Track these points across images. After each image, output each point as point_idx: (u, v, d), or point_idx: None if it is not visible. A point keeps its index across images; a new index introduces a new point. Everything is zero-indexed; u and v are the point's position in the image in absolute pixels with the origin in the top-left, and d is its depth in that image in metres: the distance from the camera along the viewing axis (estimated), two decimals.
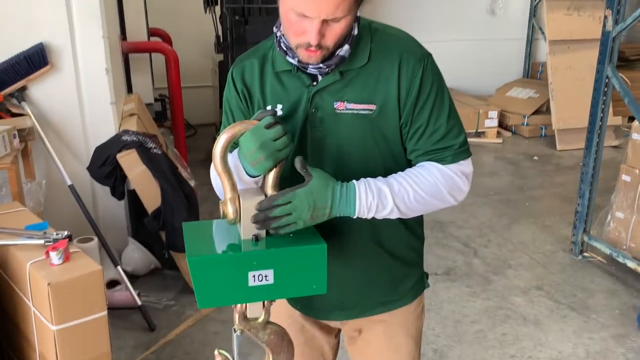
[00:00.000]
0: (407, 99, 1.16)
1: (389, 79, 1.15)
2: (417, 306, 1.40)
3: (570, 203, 4.00)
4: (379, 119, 1.17)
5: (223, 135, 1.08)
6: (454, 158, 1.19)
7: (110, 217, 3.16)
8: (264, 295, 1.09)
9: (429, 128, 1.18)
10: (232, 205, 1.08)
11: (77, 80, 2.95)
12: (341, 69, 1.16)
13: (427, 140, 1.18)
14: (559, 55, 5.64)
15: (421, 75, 1.15)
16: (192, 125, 6.06)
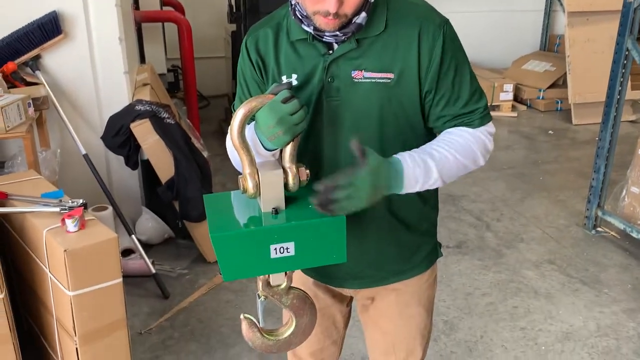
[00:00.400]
0: (430, 67, 1.15)
1: (408, 47, 1.14)
2: (430, 275, 1.41)
3: (584, 178, 3.97)
4: (397, 88, 1.15)
5: (240, 110, 1.08)
6: (481, 121, 1.21)
7: (124, 187, 3.19)
8: (286, 266, 1.11)
9: (454, 94, 1.18)
10: (251, 179, 1.08)
11: (90, 50, 2.95)
12: (357, 36, 1.14)
13: (453, 106, 1.19)
14: (577, 27, 5.53)
15: (442, 42, 1.14)
16: (205, 97, 6.05)
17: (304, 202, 1.12)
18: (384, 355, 1.46)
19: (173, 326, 2.54)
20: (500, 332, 2.53)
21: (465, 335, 2.51)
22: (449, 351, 2.41)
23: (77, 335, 1.85)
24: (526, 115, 5.82)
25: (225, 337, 2.47)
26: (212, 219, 1.10)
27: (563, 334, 2.53)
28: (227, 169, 4.36)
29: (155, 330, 2.52)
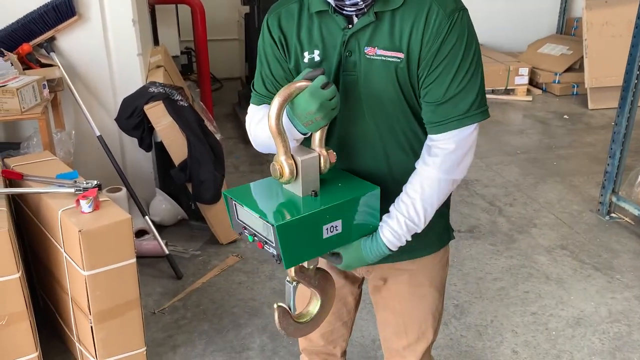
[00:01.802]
0: (427, 53, 1.12)
1: (417, 28, 1.12)
2: (443, 256, 1.41)
3: (599, 163, 3.93)
4: (406, 69, 1.14)
5: (277, 98, 1.08)
6: (459, 123, 1.14)
7: (138, 169, 3.21)
8: (335, 244, 1.16)
9: (440, 85, 1.13)
10: (288, 165, 1.11)
11: (104, 31, 2.95)
12: (376, 9, 1.13)
13: (436, 98, 1.14)
14: (595, 10, 5.44)
15: (446, 31, 1.10)
16: (218, 79, 6.05)
17: (333, 182, 1.18)
18: (396, 336, 1.47)
19: (186, 306, 2.58)
20: (511, 317, 2.54)
21: (476, 320, 2.52)
22: (459, 335, 2.42)
23: (91, 314, 1.88)
24: (541, 100, 5.76)
25: (237, 317, 2.50)
26: (261, 210, 1.12)
27: (574, 319, 2.53)
28: (240, 151, 4.38)
29: (168, 310, 2.55)
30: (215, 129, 3.96)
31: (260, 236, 1.13)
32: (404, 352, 1.47)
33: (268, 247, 1.13)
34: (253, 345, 2.35)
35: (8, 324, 1.84)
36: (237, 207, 1.17)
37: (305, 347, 1.60)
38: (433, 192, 1.18)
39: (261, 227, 1.11)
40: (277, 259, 1.12)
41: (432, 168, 1.17)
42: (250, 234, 1.16)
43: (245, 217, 1.16)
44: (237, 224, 1.21)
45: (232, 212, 1.20)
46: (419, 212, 1.18)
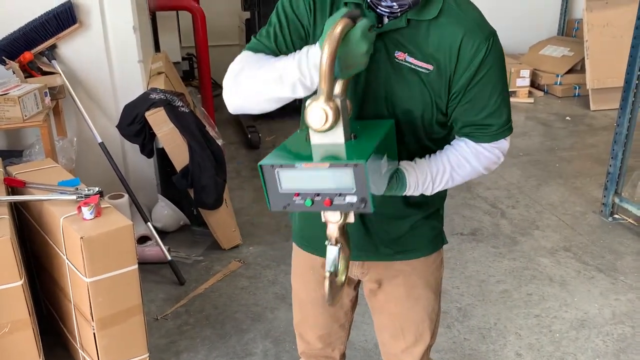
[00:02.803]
0: (464, 73, 1.14)
1: (450, 46, 1.12)
2: (436, 258, 1.42)
3: (601, 164, 3.92)
4: (432, 81, 1.15)
5: (334, 32, 0.98)
6: (494, 137, 1.22)
7: (140, 175, 3.22)
8: (385, 179, 1.13)
9: (477, 103, 1.18)
10: (333, 108, 1.01)
11: (105, 39, 2.97)
12: (409, 15, 1.13)
13: (475, 114, 1.19)
14: (596, 11, 5.44)
15: (485, 52, 1.13)
16: (220, 85, 6.05)
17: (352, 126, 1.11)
18: (393, 339, 1.47)
19: (188, 312, 2.58)
20: (514, 319, 2.53)
21: (479, 322, 2.51)
22: (462, 338, 2.42)
23: (94, 320, 1.88)
24: (543, 101, 5.75)
25: (240, 322, 2.50)
26: (332, 156, 1.04)
27: (578, 321, 2.52)
28: (242, 157, 4.38)
29: (171, 316, 2.55)
30: (216, 134, 3.97)
31: (325, 193, 1.03)
32: (402, 355, 1.47)
33: (341, 200, 1.03)
34: (256, 350, 2.35)
35: (11, 332, 1.85)
36: (281, 174, 1.04)
37: (304, 350, 1.60)
38: (463, 175, 1.25)
39: (329, 179, 1.01)
40: (358, 206, 1.02)
41: (475, 161, 1.24)
42: (307, 198, 1.04)
43: (298, 180, 1.03)
44: (278, 199, 1.06)
45: (272, 185, 1.06)
46: (443, 181, 1.23)
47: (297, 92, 1.09)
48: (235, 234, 3.05)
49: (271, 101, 1.15)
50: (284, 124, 4.89)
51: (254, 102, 1.16)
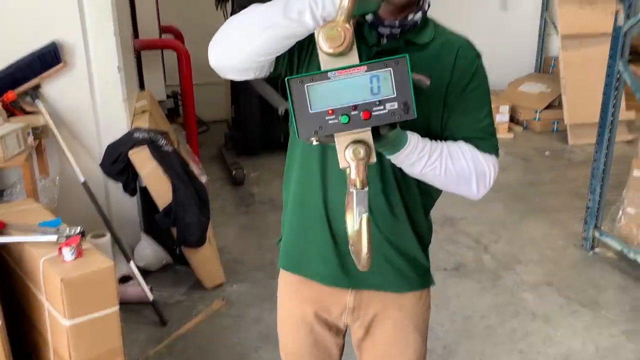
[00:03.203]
0: (459, 82, 1.20)
1: (446, 64, 1.20)
2: (426, 298, 1.42)
3: (581, 198, 3.98)
4: (430, 95, 1.19)
5: None
6: (490, 149, 1.23)
7: (122, 213, 3.20)
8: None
9: (473, 114, 1.23)
10: (350, 30, 0.97)
11: (89, 78, 2.99)
12: (407, 37, 1.20)
13: (470, 124, 1.23)
14: (571, 50, 5.60)
15: (476, 67, 1.22)
16: (204, 122, 6.09)
17: None
18: None
19: (171, 353, 2.54)
20: (499, 355, 2.53)
21: (464, 359, 2.50)
22: None
23: None
24: (523, 137, 5.86)
25: None
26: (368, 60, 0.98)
27: (562, 356, 2.52)
28: (227, 193, 4.38)
29: (152, 358, 2.51)
30: (201, 171, 3.98)
31: (363, 103, 0.95)
32: None
33: (381, 109, 0.95)
34: None
35: None
36: (311, 90, 0.96)
37: None
38: (456, 168, 1.18)
39: (365, 87, 0.95)
40: (400, 113, 0.95)
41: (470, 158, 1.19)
42: (343, 113, 0.96)
43: (330, 94, 0.96)
44: (308, 123, 0.97)
45: (301, 107, 0.97)
46: (437, 161, 1.16)
47: (303, 19, 1.04)
48: (218, 272, 3.03)
49: (266, 35, 1.07)
50: (268, 160, 4.92)
51: (242, 42, 1.09)
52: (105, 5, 2.93)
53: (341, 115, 0.96)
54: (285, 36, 1.07)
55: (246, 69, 1.15)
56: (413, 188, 1.29)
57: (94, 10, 2.92)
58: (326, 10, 1.03)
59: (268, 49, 1.10)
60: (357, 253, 1.02)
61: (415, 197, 1.31)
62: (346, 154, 1.00)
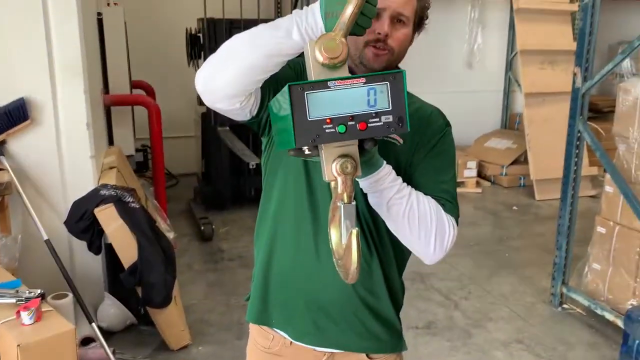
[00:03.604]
0: (427, 144, 1.27)
1: (418, 128, 1.24)
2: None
3: (549, 253, 4.03)
4: (400, 153, 1.25)
5: None
6: (452, 212, 1.25)
7: (86, 272, 3.12)
8: None
9: (437, 175, 1.28)
10: (346, 44, 1.00)
11: (57, 135, 2.96)
12: None
13: (434, 185, 1.26)
14: (534, 107, 5.80)
15: (444, 134, 1.30)
16: (174, 175, 6.06)
17: None
18: None
19: None
20: None
21: None
22: None
23: None
24: (490, 192, 5.96)
25: None
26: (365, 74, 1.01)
27: None
28: (194, 249, 4.32)
29: None
30: (168, 227, 3.92)
31: (360, 114, 0.97)
32: None
33: (376, 121, 0.98)
34: None
35: None
36: (311, 98, 0.97)
37: None
38: (421, 211, 1.18)
39: (362, 99, 0.97)
40: (394, 126, 0.98)
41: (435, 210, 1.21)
42: (340, 123, 0.97)
43: (328, 103, 0.97)
44: (306, 130, 0.97)
45: (300, 114, 0.97)
46: (405, 196, 1.17)
47: (292, 35, 1.05)
48: (184, 333, 2.95)
49: (255, 54, 1.07)
50: (238, 215, 4.89)
51: (234, 53, 1.09)
52: (75, 62, 2.94)
53: (339, 124, 0.97)
54: (274, 54, 1.08)
55: (235, 94, 1.14)
56: (386, 239, 1.31)
57: (64, 67, 2.93)
58: (309, 24, 1.05)
59: (258, 68, 1.10)
60: (345, 267, 1.01)
61: (389, 250, 1.33)
62: (333, 168, 1.01)
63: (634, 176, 3.08)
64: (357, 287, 1.30)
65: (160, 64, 5.92)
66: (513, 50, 6.62)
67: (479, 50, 6.77)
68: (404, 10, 1.22)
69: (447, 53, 6.70)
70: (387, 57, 1.24)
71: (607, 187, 3.29)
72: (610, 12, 6.50)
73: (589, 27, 3.11)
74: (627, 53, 2.92)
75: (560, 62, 5.91)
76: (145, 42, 5.79)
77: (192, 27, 5.07)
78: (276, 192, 1.35)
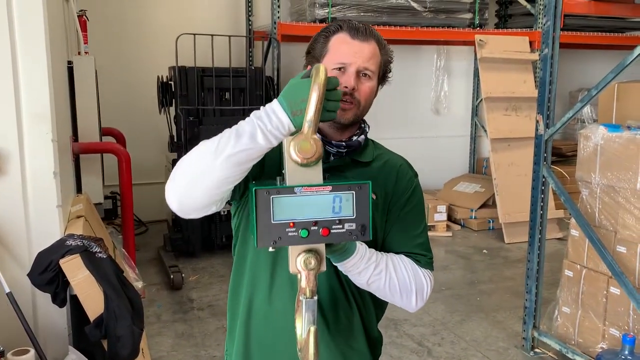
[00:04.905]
0: (399, 199, 1.31)
1: (387, 180, 1.31)
2: None
3: (519, 297, 4.06)
4: (375, 209, 1.27)
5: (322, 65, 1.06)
6: (427, 265, 1.33)
7: (50, 326, 3.01)
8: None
9: (410, 230, 1.32)
10: (319, 141, 1.04)
11: (23, 184, 2.90)
12: (353, 156, 1.31)
13: (408, 241, 1.32)
14: (500, 152, 5.93)
15: (414, 187, 1.36)
16: (143, 222, 5.98)
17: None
18: None
19: None
20: None
21: None
22: None
23: None
24: (461, 235, 6.02)
25: None
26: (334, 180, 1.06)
27: None
28: (163, 299, 4.22)
29: None
30: (136, 276, 3.84)
31: (324, 220, 1.01)
32: None
33: (339, 228, 1.01)
34: None
35: None
36: (277, 201, 1.00)
37: None
38: (399, 278, 1.26)
39: (327, 206, 1.00)
40: (357, 234, 1.02)
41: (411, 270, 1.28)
42: (303, 227, 1.01)
43: (293, 207, 1.00)
44: (268, 232, 1.01)
45: (263, 216, 1.00)
46: (382, 271, 1.23)
47: (256, 139, 1.06)
48: None
49: (224, 166, 1.07)
50: (209, 263, 4.82)
51: (201, 172, 1.09)
52: (44, 111, 2.91)
53: (301, 229, 1.01)
54: (243, 162, 1.09)
55: (209, 204, 1.15)
56: (366, 296, 1.34)
57: (32, 116, 2.89)
58: (274, 125, 1.07)
59: (228, 178, 1.11)
60: (304, 358, 1.06)
61: (369, 306, 1.37)
62: (297, 262, 1.04)
63: (597, 220, 3.16)
64: (339, 344, 1.31)
65: (131, 111, 5.93)
66: (478, 96, 6.82)
67: (445, 97, 6.96)
68: (369, 65, 1.27)
69: (415, 100, 6.87)
70: (354, 111, 1.28)
71: (572, 230, 3.35)
72: (570, 60, 6.79)
73: (549, 77, 3.23)
74: (586, 102, 3.04)
75: (524, 108, 6.10)
76: (117, 90, 5.80)
77: (163, 75, 5.10)
78: (249, 264, 1.35)
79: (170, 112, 5.08)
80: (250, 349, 1.34)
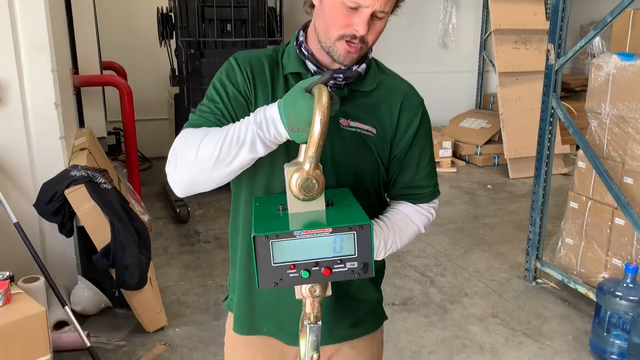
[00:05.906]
0: (405, 133, 1.25)
1: (391, 111, 1.24)
2: (379, 337, 1.42)
3: (523, 230, 4.09)
4: (377, 143, 1.23)
5: (325, 91, 0.99)
6: (430, 197, 1.32)
7: (58, 255, 3.06)
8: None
9: (416, 165, 1.28)
10: (320, 176, 1.01)
11: (24, 115, 2.88)
12: (352, 87, 1.22)
13: (412, 177, 1.28)
14: (508, 86, 5.83)
15: (421, 116, 1.27)
16: (147, 158, 5.98)
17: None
18: None
19: None
20: None
21: None
22: None
23: None
24: (465, 171, 6.01)
25: None
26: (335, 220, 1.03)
27: None
28: (170, 232, 4.27)
29: None
30: (142, 209, 3.87)
31: (325, 260, 1.00)
32: None
33: (341, 267, 1.00)
34: None
35: None
36: (276, 245, 0.98)
37: None
38: (408, 235, 1.29)
39: (328, 246, 0.99)
40: (359, 272, 1.00)
41: (417, 219, 1.30)
42: (304, 269, 1.00)
43: (293, 250, 0.99)
44: (269, 274, 1.00)
45: (263, 259, 0.99)
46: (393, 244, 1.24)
47: (256, 149, 1.07)
48: (160, 315, 2.91)
49: (224, 167, 1.08)
50: (214, 197, 4.84)
51: (205, 173, 1.10)
52: (42, 41, 2.85)
53: (302, 270, 1.00)
54: (244, 166, 1.11)
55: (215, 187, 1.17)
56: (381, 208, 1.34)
57: (30, 46, 2.84)
58: (272, 135, 1.06)
59: (230, 176, 1.13)
60: None
61: None
62: (303, 289, 1.05)
63: (605, 151, 3.12)
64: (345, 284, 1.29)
65: (131, 44, 5.81)
66: (487, 30, 6.64)
67: (453, 30, 6.78)
68: (384, 8, 1.14)
69: (422, 33, 6.70)
70: (360, 52, 1.18)
71: (579, 162, 3.33)
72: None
73: (562, 4, 3.12)
74: (600, 29, 2.94)
75: (534, 41, 5.95)
76: (116, 23, 5.67)
77: (163, 6, 4.96)
78: (243, 202, 1.28)
79: (171, 45, 4.97)
80: (252, 282, 1.32)
